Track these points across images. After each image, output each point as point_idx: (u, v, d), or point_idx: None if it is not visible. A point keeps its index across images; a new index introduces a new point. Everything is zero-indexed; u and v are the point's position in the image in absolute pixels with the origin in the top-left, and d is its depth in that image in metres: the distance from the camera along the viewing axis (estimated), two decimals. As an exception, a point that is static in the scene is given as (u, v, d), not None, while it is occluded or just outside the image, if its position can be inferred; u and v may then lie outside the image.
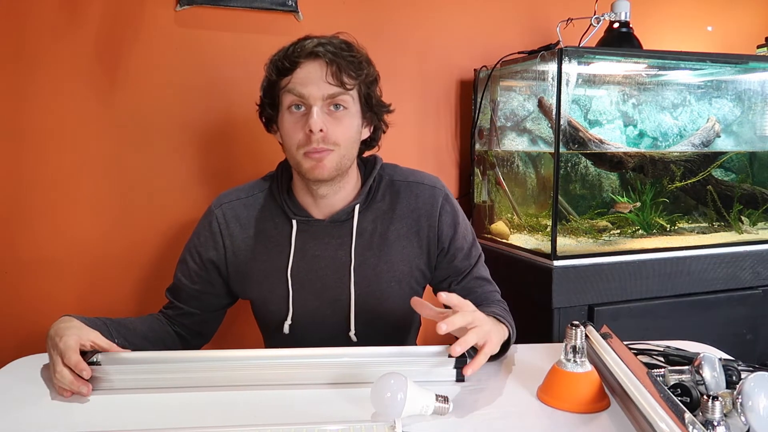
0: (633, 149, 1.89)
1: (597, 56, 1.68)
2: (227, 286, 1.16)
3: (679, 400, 0.77)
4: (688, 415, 0.70)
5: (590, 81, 1.80)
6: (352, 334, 1.12)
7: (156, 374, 0.90)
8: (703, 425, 0.69)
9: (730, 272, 1.72)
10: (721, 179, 1.99)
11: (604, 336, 1.00)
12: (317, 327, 1.12)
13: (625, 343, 0.99)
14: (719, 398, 0.71)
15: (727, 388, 0.86)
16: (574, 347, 0.85)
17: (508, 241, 1.77)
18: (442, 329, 0.85)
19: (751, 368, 0.94)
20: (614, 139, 1.87)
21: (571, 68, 1.55)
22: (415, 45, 1.79)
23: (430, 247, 1.15)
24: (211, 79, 1.59)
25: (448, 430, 0.79)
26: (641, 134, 1.94)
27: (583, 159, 1.81)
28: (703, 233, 1.89)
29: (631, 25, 1.73)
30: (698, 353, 0.89)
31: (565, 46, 1.52)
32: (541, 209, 1.81)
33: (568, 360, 0.85)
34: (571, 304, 1.55)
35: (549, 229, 1.59)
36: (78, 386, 0.85)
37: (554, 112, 1.54)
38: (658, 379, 0.83)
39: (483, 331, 0.90)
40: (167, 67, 1.55)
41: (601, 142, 1.75)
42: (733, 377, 0.89)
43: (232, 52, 1.60)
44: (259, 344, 1.31)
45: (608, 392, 0.87)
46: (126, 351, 0.95)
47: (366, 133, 1.13)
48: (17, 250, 1.49)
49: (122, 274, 1.57)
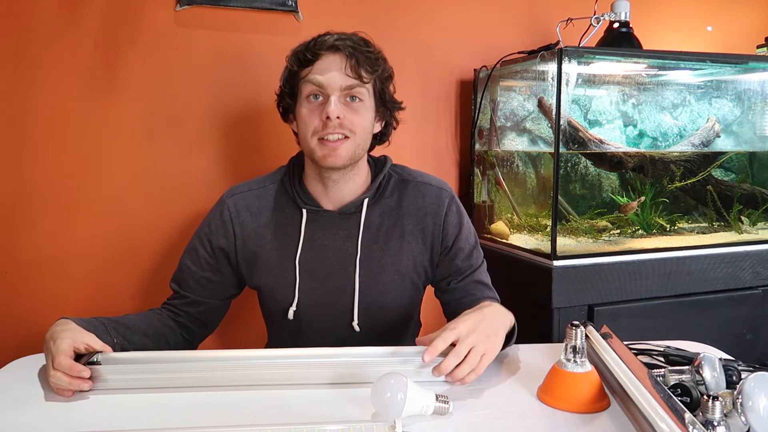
0: (633, 149, 1.89)
1: (597, 56, 1.68)
2: (235, 274, 1.19)
3: (679, 400, 0.77)
4: (688, 415, 0.70)
5: (590, 81, 1.80)
6: (355, 323, 1.14)
7: (156, 374, 0.90)
8: (703, 425, 0.69)
9: (729, 272, 1.72)
10: (721, 179, 1.99)
11: (604, 336, 1.00)
12: (321, 315, 1.15)
13: (625, 343, 0.99)
14: (719, 398, 0.71)
15: (727, 388, 0.86)
16: (574, 347, 0.85)
17: (508, 241, 1.77)
18: (425, 360, 0.88)
19: (751, 368, 0.94)
20: (614, 139, 1.87)
21: (571, 68, 1.55)
22: (415, 45, 1.79)
23: (434, 244, 1.18)
24: (211, 79, 1.59)
25: (448, 430, 0.79)
26: (641, 134, 1.94)
27: (583, 159, 1.81)
28: (703, 233, 1.89)
29: (631, 25, 1.73)
30: (698, 353, 0.89)
31: (565, 46, 1.52)
32: (540, 209, 1.81)
33: (568, 360, 0.85)
34: (571, 304, 1.55)
35: (549, 229, 1.59)
36: (78, 384, 0.86)
37: (554, 112, 1.54)
38: (658, 379, 0.83)
39: (467, 344, 0.90)
40: (167, 67, 1.55)
41: (601, 142, 1.75)
42: (733, 377, 0.89)
43: (232, 52, 1.60)
44: (260, 337, 1.32)
45: (608, 392, 0.88)
46: (125, 352, 0.95)
47: (378, 128, 1.19)
48: (18, 249, 1.49)
49: (123, 274, 1.57)
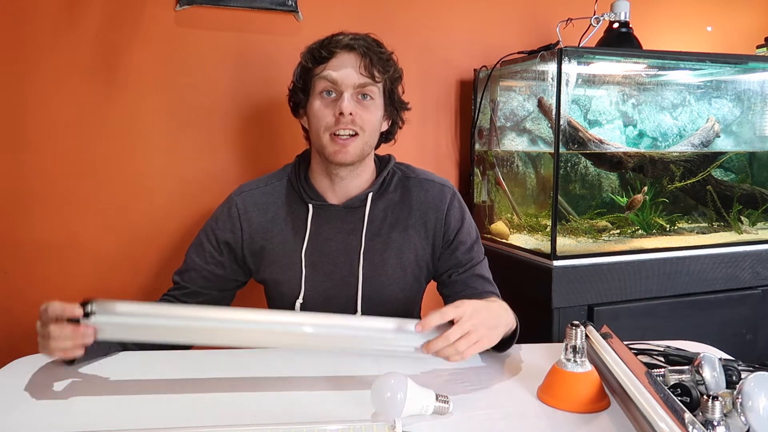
0: (633, 149, 1.89)
1: (597, 56, 1.68)
2: (240, 269, 1.21)
3: (679, 400, 0.77)
4: (688, 415, 0.70)
5: (590, 81, 1.81)
6: (358, 315, 1.16)
7: (152, 321, 0.89)
8: (703, 425, 0.69)
9: (729, 272, 1.72)
10: (720, 179, 1.99)
11: (604, 336, 1.00)
12: (326, 307, 1.17)
13: (625, 343, 0.99)
14: (719, 398, 0.71)
15: (727, 388, 0.86)
16: (574, 347, 0.85)
17: (508, 241, 1.77)
18: (416, 330, 0.89)
19: (751, 368, 0.94)
20: (614, 139, 1.87)
21: (571, 68, 1.55)
22: (415, 45, 1.79)
23: (436, 238, 1.21)
24: (211, 79, 1.59)
25: (448, 430, 0.79)
26: (641, 134, 1.94)
27: (583, 159, 1.81)
28: (703, 233, 1.89)
29: (630, 25, 1.73)
30: (698, 353, 0.89)
31: (565, 46, 1.52)
32: (540, 209, 1.81)
33: (568, 360, 0.85)
34: (571, 304, 1.55)
35: (549, 229, 1.59)
36: (82, 333, 0.86)
37: (554, 112, 1.54)
38: (658, 379, 0.83)
39: (462, 329, 0.89)
40: (167, 66, 1.55)
41: (601, 142, 1.75)
42: (733, 377, 0.89)
43: (232, 52, 1.60)
44: None
45: (608, 392, 0.88)
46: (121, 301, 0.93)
47: (385, 126, 1.22)
48: (18, 249, 1.49)
49: (125, 273, 1.57)
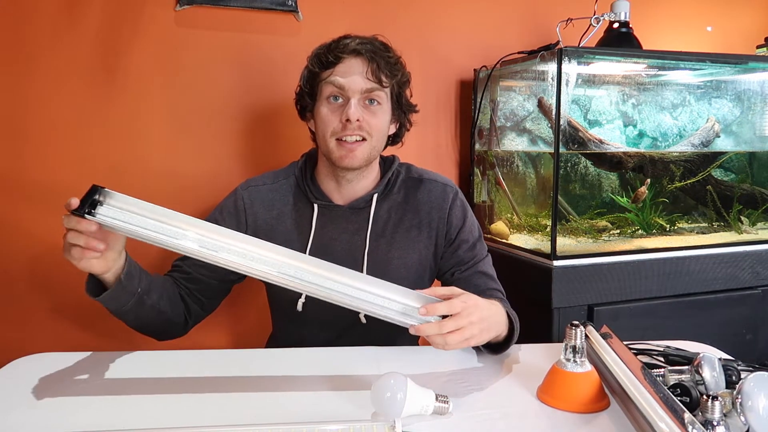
0: (633, 149, 1.89)
1: (597, 56, 1.68)
2: None
3: (679, 400, 0.77)
4: (687, 415, 0.70)
5: (590, 81, 1.81)
6: (361, 315, 1.16)
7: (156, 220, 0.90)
8: (702, 425, 0.69)
9: (729, 272, 1.72)
10: (720, 179, 1.99)
11: (604, 336, 1.00)
12: (329, 307, 1.15)
13: (624, 343, 0.99)
14: (719, 398, 0.71)
15: (726, 388, 0.86)
16: (574, 347, 0.85)
17: (508, 241, 1.77)
18: (420, 312, 0.89)
19: (750, 368, 0.94)
20: (614, 139, 1.87)
21: (571, 68, 1.55)
22: (415, 45, 1.78)
23: (439, 238, 1.21)
24: (211, 79, 1.59)
25: (448, 430, 0.79)
26: (641, 134, 1.94)
27: (583, 159, 1.81)
28: (703, 233, 1.89)
29: (630, 25, 1.73)
30: (698, 353, 0.89)
31: (565, 46, 1.52)
32: (540, 209, 1.81)
33: (568, 360, 0.85)
34: (571, 304, 1.55)
35: (549, 229, 1.59)
36: (87, 225, 0.90)
37: (554, 112, 1.54)
38: (657, 379, 0.83)
39: (459, 323, 0.89)
40: (167, 66, 1.55)
41: (601, 142, 1.75)
42: (733, 377, 0.89)
43: (232, 52, 1.60)
44: (264, 326, 1.31)
45: (608, 392, 0.88)
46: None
47: (392, 129, 1.22)
48: (18, 249, 1.49)
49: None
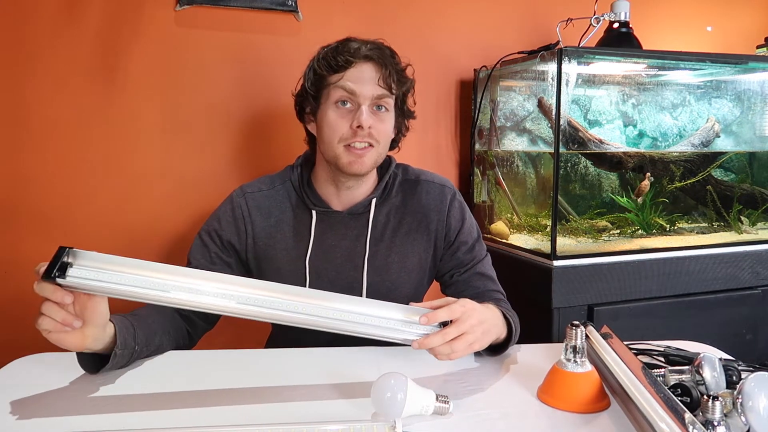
0: (633, 149, 1.89)
1: (597, 56, 1.69)
2: (244, 269, 1.20)
3: (680, 400, 0.77)
4: (688, 415, 0.70)
5: (590, 81, 1.81)
6: (363, 298, 1.14)
7: (131, 275, 0.82)
8: (703, 425, 0.69)
9: (729, 272, 1.72)
10: (720, 179, 1.99)
11: (605, 336, 1.00)
12: None
13: (625, 343, 0.99)
14: (719, 398, 0.71)
15: (727, 388, 0.86)
16: (575, 347, 0.85)
17: (508, 241, 1.77)
18: (421, 322, 0.88)
19: (751, 368, 0.94)
20: (614, 139, 1.87)
21: (571, 68, 1.55)
22: (415, 45, 1.78)
23: (438, 240, 1.20)
24: (211, 78, 1.59)
25: (448, 430, 0.79)
26: (641, 134, 1.94)
27: (583, 159, 1.81)
28: (703, 233, 1.89)
29: (630, 25, 1.73)
30: (698, 353, 0.89)
31: (565, 46, 1.52)
32: (540, 209, 1.81)
33: (569, 360, 0.85)
34: (571, 304, 1.55)
35: (549, 229, 1.59)
36: (62, 296, 0.80)
37: (554, 112, 1.54)
38: (658, 379, 0.83)
39: (461, 329, 0.88)
40: (167, 66, 1.55)
41: (601, 142, 1.75)
42: (734, 377, 0.89)
43: (232, 52, 1.60)
44: (263, 330, 1.31)
45: (608, 392, 0.87)
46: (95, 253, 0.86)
47: (392, 135, 1.20)
48: (18, 249, 1.49)
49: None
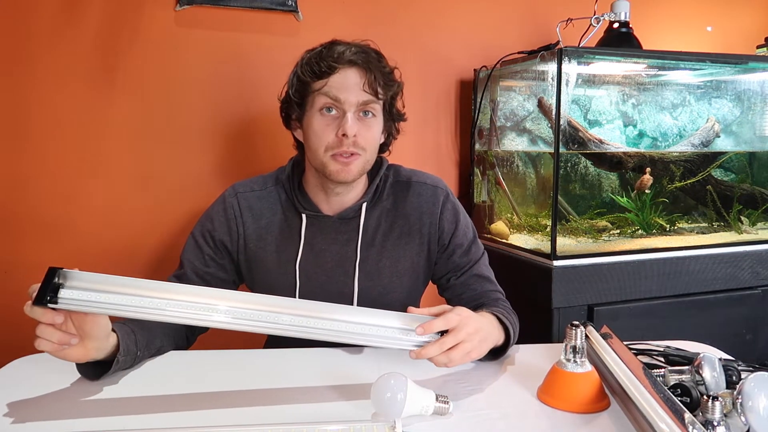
0: (633, 149, 1.89)
1: (597, 56, 1.68)
2: (236, 270, 1.19)
3: (679, 400, 0.77)
4: (688, 415, 0.70)
5: (590, 81, 1.80)
6: (357, 307, 1.13)
7: (122, 294, 0.86)
8: (703, 425, 0.69)
9: (729, 272, 1.72)
10: (720, 179, 1.99)
11: (604, 336, 1.00)
12: None
13: (625, 343, 0.99)
14: (719, 398, 0.71)
15: (727, 388, 0.86)
16: (574, 347, 0.85)
17: (508, 241, 1.77)
18: (417, 332, 0.86)
19: (751, 368, 0.94)
20: (614, 139, 1.87)
21: (571, 68, 1.55)
22: (415, 45, 1.79)
23: (431, 243, 1.18)
24: (211, 78, 1.59)
25: (448, 431, 0.79)
26: (641, 134, 1.95)
27: (583, 159, 1.81)
28: (703, 233, 1.89)
29: (630, 25, 1.73)
30: (698, 353, 0.89)
31: (565, 46, 1.52)
32: (540, 209, 1.81)
33: (568, 360, 0.85)
34: (571, 304, 1.55)
35: (549, 229, 1.59)
36: (52, 317, 0.86)
37: (554, 112, 1.54)
38: (658, 379, 0.83)
39: (458, 337, 0.88)
40: (167, 66, 1.55)
41: (601, 142, 1.75)
42: (733, 377, 0.89)
43: (232, 52, 1.60)
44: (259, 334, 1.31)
45: (608, 392, 0.87)
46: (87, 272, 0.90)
47: (381, 139, 1.18)
48: (18, 249, 1.49)
49: (124, 273, 1.56)
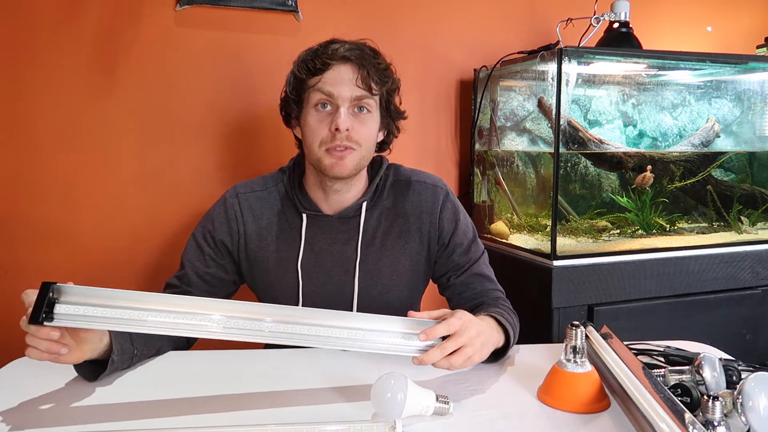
0: (633, 149, 1.89)
1: (597, 56, 1.68)
2: (237, 271, 1.19)
3: (680, 400, 0.77)
4: (688, 415, 0.70)
5: (590, 81, 1.80)
6: (358, 313, 1.14)
7: (117, 310, 0.84)
8: (703, 425, 0.69)
9: (729, 272, 1.72)
10: (720, 179, 1.99)
11: (604, 336, 1.00)
12: (328, 305, 1.13)
13: (625, 343, 0.99)
14: (719, 398, 0.71)
15: (727, 388, 0.86)
16: (575, 347, 0.85)
17: (508, 241, 1.77)
18: (420, 339, 0.87)
19: (751, 368, 0.94)
20: (614, 139, 1.87)
21: (571, 68, 1.55)
22: (415, 45, 1.79)
23: (431, 243, 1.19)
24: (210, 78, 1.59)
25: (448, 431, 0.79)
26: (641, 134, 1.95)
27: (583, 159, 1.81)
28: (703, 233, 1.89)
29: (630, 25, 1.73)
30: (698, 353, 0.89)
31: (565, 46, 1.52)
32: (540, 209, 1.81)
33: (569, 360, 0.85)
34: (571, 304, 1.55)
35: (549, 229, 1.59)
36: (48, 333, 0.87)
37: (554, 112, 1.54)
38: (658, 379, 0.83)
39: (458, 342, 0.88)
40: (167, 66, 1.55)
41: (601, 142, 1.75)
42: (734, 377, 0.89)
43: (232, 52, 1.60)
44: None
45: (608, 392, 0.87)
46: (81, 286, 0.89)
47: (380, 137, 1.19)
48: (18, 249, 1.49)
49: (124, 273, 1.57)
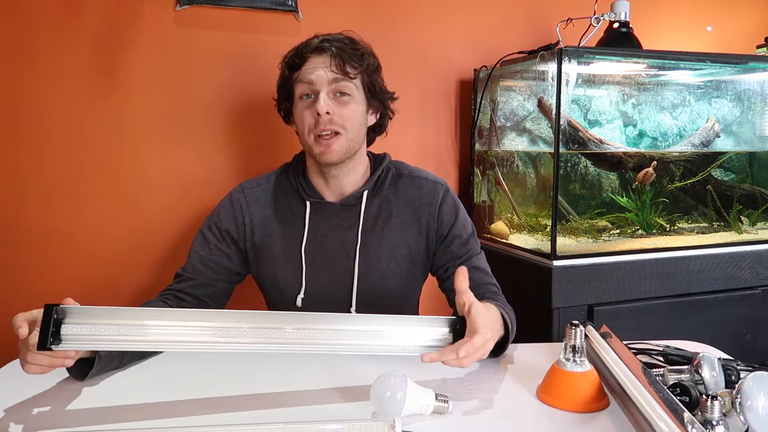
0: (633, 149, 1.89)
1: (597, 56, 1.69)
2: (242, 259, 1.22)
3: (679, 400, 0.77)
4: (687, 415, 0.70)
5: (590, 81, 1.81)
6: (353, 309, 1.19)
7: (120, 331, 0.84)
8: (702, 425, 0.69)
9: (729, 272, 1.72)
10: (720, 179, 1.99)
11: (604, 336, 1.00)
12: (324, 302, 1.19)
13: (624, 342, 0.99)
14: (718, 398, 0.71)
15: (726, 387, 0.86)
16: (574, 347, 0.85)
17: (508, 241, 1.77)
18: (423, 360, 0.85)
19: (750, 368, 0.95)
20: (614, 139, 1.87)
21: (571, 68, 1.55)
22: (415, 45, 1.79)
23: (429, 233, 1.22)
24: (210, 78, 1.59)
25: (447, 430, 0.79)
26: (641, 134, 1.95)
27: (583, 159, 1.81)
28: (703, 233, 1.89)
29: (630, 25, 1.73)
30: (697, 353, 0.89)
31: (565, 46, 1.52)
32: (540, 209, 1.81)
33: (568, 359, 0.85)
34: (571, 304, 1.55)
35: (549, 229, 1.59)
36: (62, 360, 0.83)
37: (554, 112, 1.54)
38: (657, 378, 0.83)
39: (479, 354, 0.87)
40: (167, 66, 1.55)
41: (601, 142, 1.76)
42: (732, 377, 0.89)
43: (232, 52, 1.60)
44: None
45: (608, 392, 0.88)
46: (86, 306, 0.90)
47: (372, 120, 1.23)
48: (17, 249, 1.49)
49: (124, 273, 1.57)
